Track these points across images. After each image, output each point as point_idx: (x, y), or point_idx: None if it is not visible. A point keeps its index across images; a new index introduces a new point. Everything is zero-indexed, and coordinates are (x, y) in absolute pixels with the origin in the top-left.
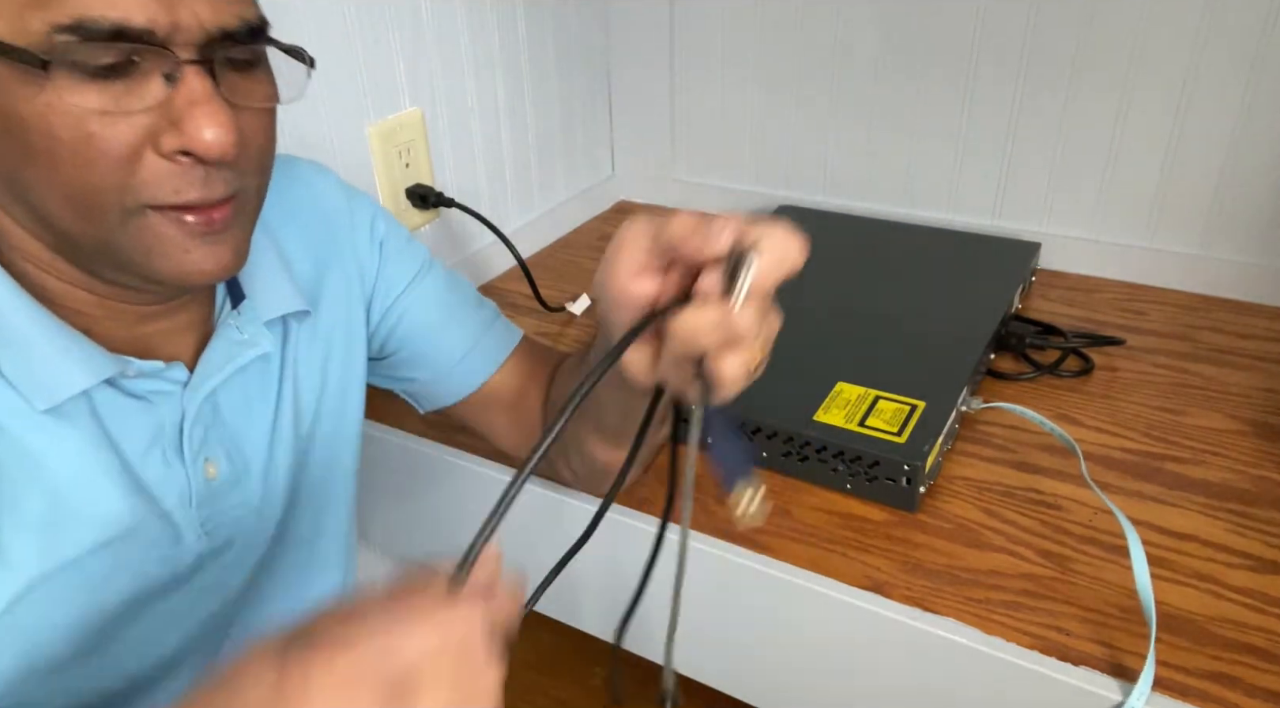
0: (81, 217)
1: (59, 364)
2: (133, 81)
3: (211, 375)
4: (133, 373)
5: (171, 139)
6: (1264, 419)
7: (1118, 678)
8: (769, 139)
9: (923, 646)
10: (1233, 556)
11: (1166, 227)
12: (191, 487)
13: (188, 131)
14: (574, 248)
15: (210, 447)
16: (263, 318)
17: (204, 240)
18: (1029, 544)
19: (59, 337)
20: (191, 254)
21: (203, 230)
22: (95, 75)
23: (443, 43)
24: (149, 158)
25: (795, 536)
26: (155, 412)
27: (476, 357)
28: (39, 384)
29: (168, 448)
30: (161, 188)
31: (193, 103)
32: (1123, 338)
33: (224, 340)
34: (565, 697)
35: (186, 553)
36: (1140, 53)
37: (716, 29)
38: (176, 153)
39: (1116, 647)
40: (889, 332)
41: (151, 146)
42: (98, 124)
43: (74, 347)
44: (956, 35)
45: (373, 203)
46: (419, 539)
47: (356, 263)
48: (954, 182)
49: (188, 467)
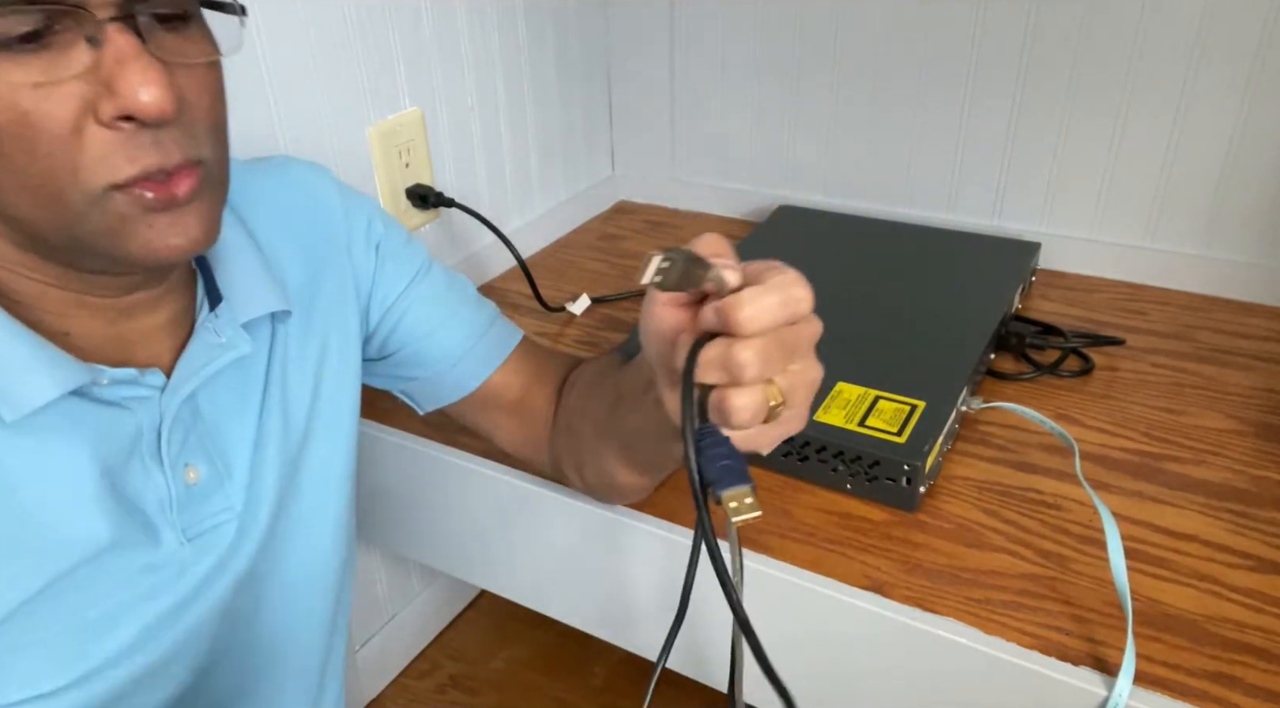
0: (44, 207)
1: (26, 374)
2: (56, 51)
3: (189, 379)
4: (105, 381)
5: (108, 104)
6: (1264, 419)
7: (1116, 677)
8: (769, 139)
9: (923, 646)
10: (1233, 556)
11: (1166, 227)
12: (171, 492)
13: (122, 92)
14: (574, 248)
15: (190, 451)
16: (240, 319)
17: (168, 214)
18: (1029, 544)
19: (25, 345)
20: (156, 229)
21: (166, 204)
22: (14, 48)
23: (443, 43)
24: (91, 130)
25: (795, 535)
26: (132, 417)
27: (475, 356)
28: (6, 395)
29: (146, 454)
30: (114, 160)
31: (120, 62)
32: (1123, 338)
33: (201, 344)
34: (565, 697)
35: (169, 560)
36: (1140, 53)
37: (716, 29)
38: (116, 119)
39: (1116, 646)
40: (889, 332)
41: (92, 117)
42: (30, 99)
43: (42, 355)
44: (957, 35)
45: (370, 204)
46: (419, 539)
47: (352, 265)
48: (954, 182)
49: (166, 472)
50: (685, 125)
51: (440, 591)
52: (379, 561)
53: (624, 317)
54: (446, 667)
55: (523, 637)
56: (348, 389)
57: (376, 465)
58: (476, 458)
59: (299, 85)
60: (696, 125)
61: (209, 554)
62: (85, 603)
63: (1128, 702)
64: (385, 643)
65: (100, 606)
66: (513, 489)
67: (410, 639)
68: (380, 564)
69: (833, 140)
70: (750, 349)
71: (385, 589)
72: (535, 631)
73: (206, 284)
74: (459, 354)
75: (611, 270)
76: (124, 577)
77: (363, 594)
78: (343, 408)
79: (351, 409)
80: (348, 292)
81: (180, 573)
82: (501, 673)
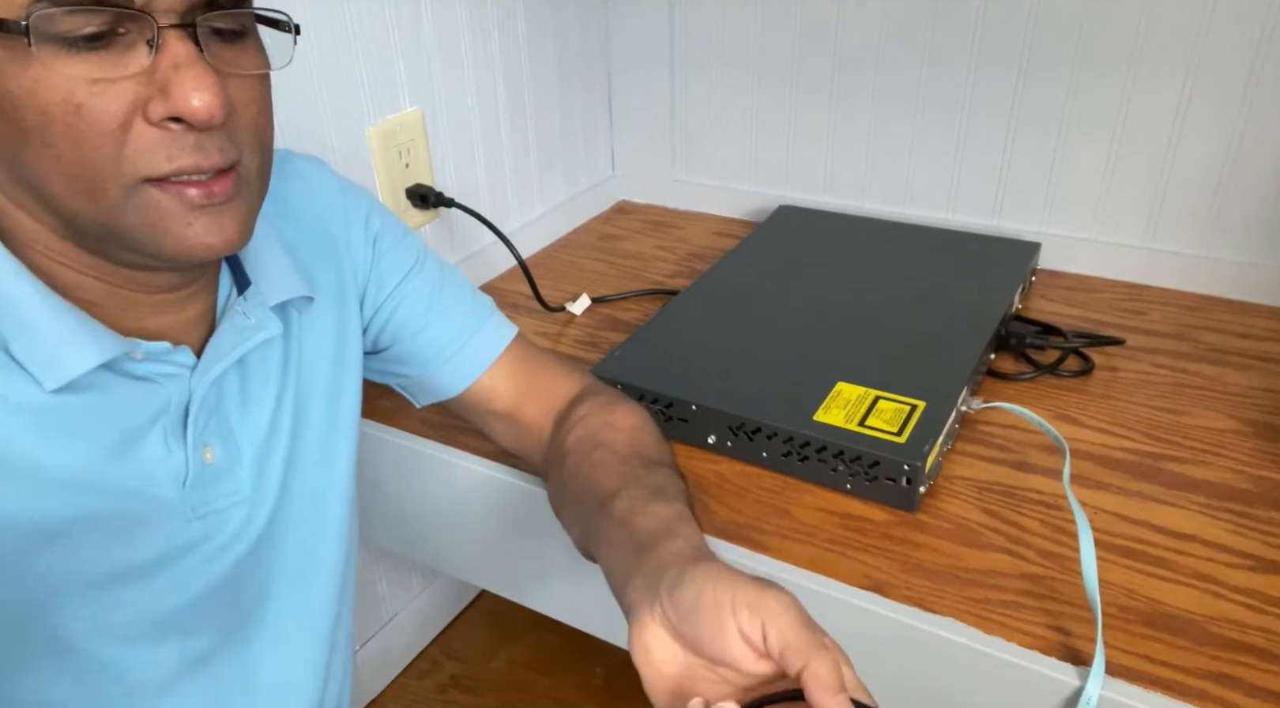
0: (82, 196)
1: (68, 343)
2: (117, 51)
3: (220, 359)
4: (139, 355)
5: (159, 106)
6: (1264, 419)
7: (1116, 677)
8: (769, 139)
9: (923, 646)
10: (1233, 556)
11: (1166, 227)
12: (189, 469)
13: (174, 96)
14: (574, 248)
15: (210, 432)
16: (268, 302)
17: (205, 213)
18: (1029, 544)
19: (68, 318)
20: (194, 226)
21: (203, 202)
22: (79, 46)
23: (443, 43)
24: (139, 127)
25: (795, 536)
26: (161, 393)
27: (464, 357)
28: (48, 364)
29: (169, 431)
30: (155, 156)
31: (177, 67)
32: (1123, 338)
33: (231, 326)
34: (565, 697)
35: (175, 536)
36: (1140, 53)
37: (716, 29)
38: (165, 120)
39: (1116, 647)
40: (889, 332)
41: (141, 116)
42: (85, 94)
43: (82, 327)
44: (957, 35)
45: (368, 197)
46: (419, 539)
47: (350, 258)
48: (954, 181)
49: (188, 450)
50: (685, 125)
51: (440, 591)
52: (379, 561)
53: (624, 317)
54: (446, 667)
55: (523, 637)
56: (351, 380)
57: (376, 466)
58: (477, 458)
59: (299, 85)
60: (696, 125)
61: (216, 534)
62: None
63: (1124, 701)
64: (385, 643)
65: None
66: (513, 489)
67: (410, 639)
68: (380, 564)
69: (833, 140)
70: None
71: (385, 589)
72: (535, 631)
73: (234, 271)
74: (450, 352)
75: (611, 270)
76: (129, 548)
77: (363, 594)
78: (347, 400)
79: (354, 402)
80: (347, 284)
81: (186, 550)
82: (501, 673)
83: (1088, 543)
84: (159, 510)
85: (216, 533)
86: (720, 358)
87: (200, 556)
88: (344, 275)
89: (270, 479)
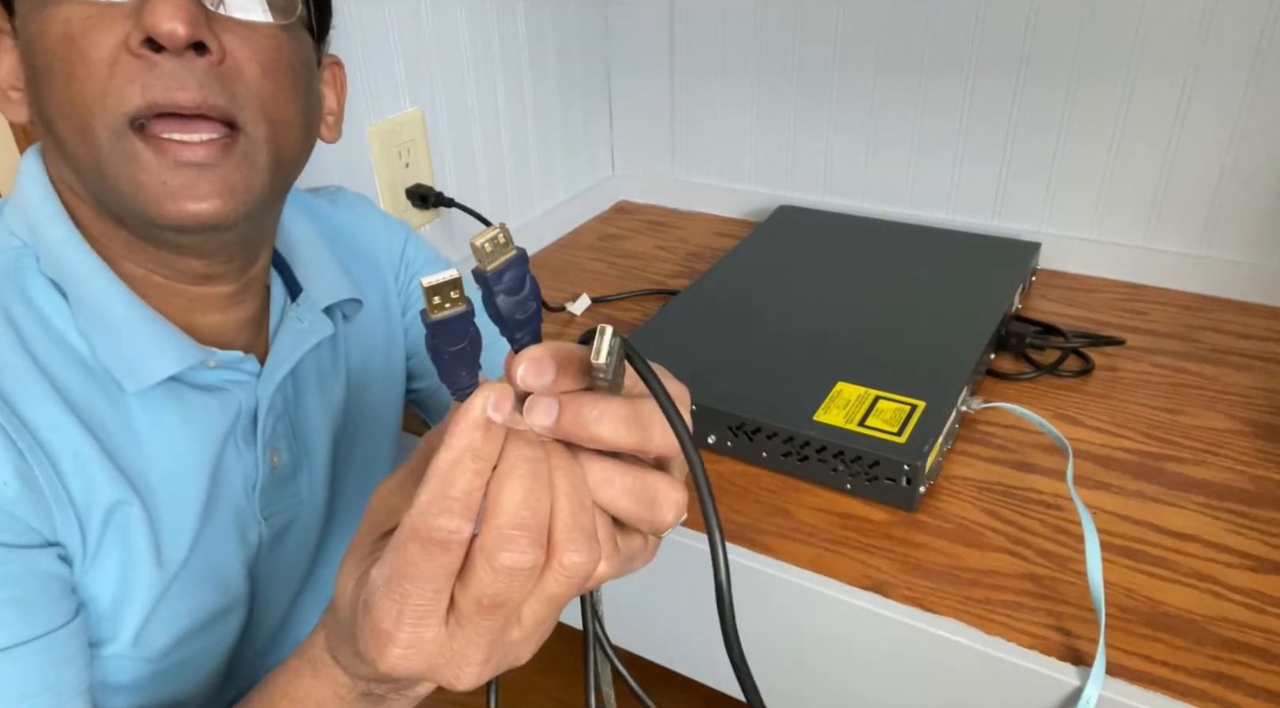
0: (77, 135)
1: (150, 349)
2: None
3: (281, 364)
4: (214, 363)
5: (136, 32)
6: (1264, 419)
7: (1117, 677)
8: (769, 139)
9: (923, 646)
10: (1232, 556)
11: (1166, 227)
12: (259, 473)
13: (144, 15)
14: (574, 248)
15: (277, 436)
16: (319, 305)
17: (183, 172)
18: (1029, 544)
19: (151, 323)
20: (168, 186)
21: (181, 160)
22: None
23: (443, 43)
24: (124, 61)
25: (795, 535)
26: (231, 400)
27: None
28: (129, 368)
29: (240, 437)
30: (131, 88)
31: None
32: (1123, 338)
33: (289, 331)
34: (565, 697)
35: (248, 542)
36: (1140, 53)
37: (716, 29)
38: (142, 46)
39: (1116, 646)
40: (889, 332)
41: (125, 49)
42: (79, 29)
43: (163, 333)
44: (957, 35)
45: (406, 228)
46: None
47: (395, 280)
48: (954, 181)
49: (259, 454)
50: (685, 125)
51: None
52: None
53: (624, 316)
54: None
55: None
56: (395, 390)
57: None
58: None
59: None
60: (696, 125)
61: (284, 536)
62: (195, 583)
63: (1124, 701)
64: None
65: (205, 589)
66: None
67: None
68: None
69: (833, 140)
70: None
71: None
72: None
73: (286, 280)
74: None
75: (612, 270)
76: (215, 558)
77: None
78: (391, 410)
79: (397, 412)
80: (391, 303)
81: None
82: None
83: (1093, 544)
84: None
85: (285, 535)
86: (720, 358)
87: (270, 563)
88: (389, 294)
89: (321, 482)
